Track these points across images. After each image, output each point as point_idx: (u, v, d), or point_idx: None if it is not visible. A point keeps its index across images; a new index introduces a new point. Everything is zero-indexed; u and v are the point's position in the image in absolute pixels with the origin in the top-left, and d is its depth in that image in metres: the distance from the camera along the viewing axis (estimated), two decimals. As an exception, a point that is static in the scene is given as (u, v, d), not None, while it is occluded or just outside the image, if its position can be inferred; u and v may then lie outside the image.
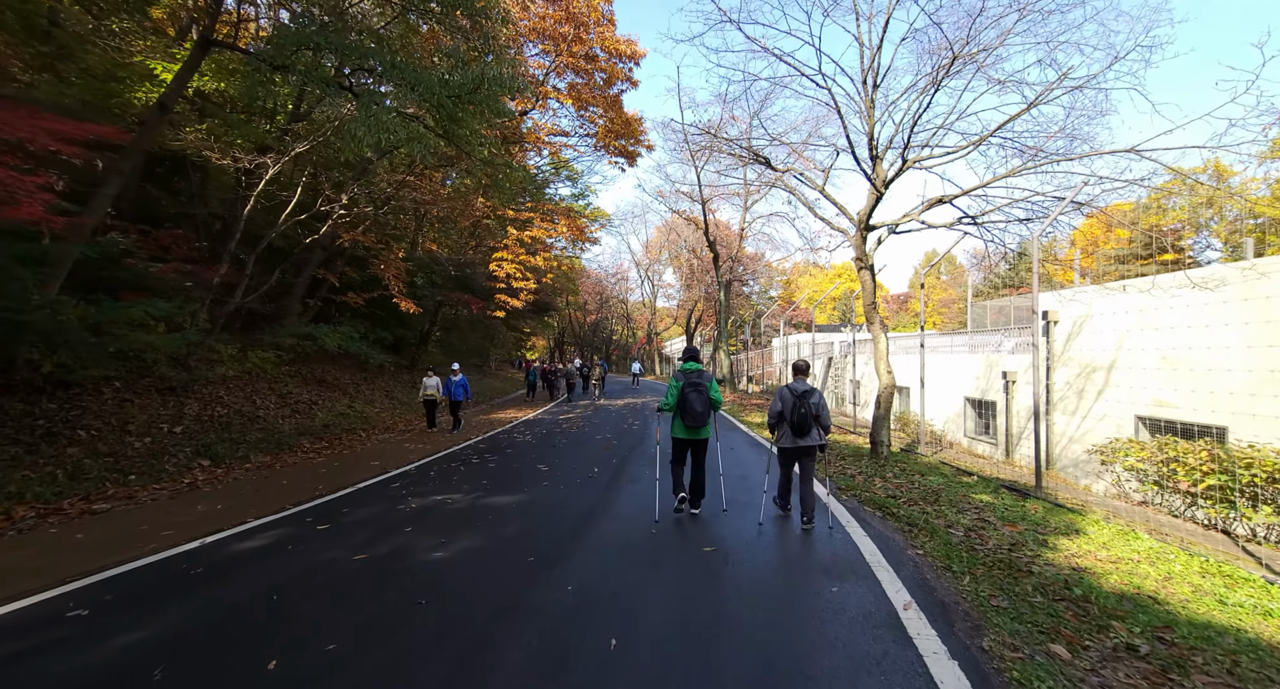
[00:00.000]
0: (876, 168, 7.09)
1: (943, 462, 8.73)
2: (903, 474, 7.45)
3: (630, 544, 4.71)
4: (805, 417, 5.08)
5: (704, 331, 42.41)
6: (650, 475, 7.44)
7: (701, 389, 5.33)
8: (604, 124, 15.34)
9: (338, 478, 7.61)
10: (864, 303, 8.28)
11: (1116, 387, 10.66)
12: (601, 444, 10.30)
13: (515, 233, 16.12)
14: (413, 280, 16.72)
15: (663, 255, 43.01)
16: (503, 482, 7.19)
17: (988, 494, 6.50)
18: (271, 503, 6.23)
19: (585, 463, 8.40)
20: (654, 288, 44.21)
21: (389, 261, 14.15)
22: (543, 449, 9.83)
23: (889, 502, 5.98)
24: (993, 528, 5.15)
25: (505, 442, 10.86)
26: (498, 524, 5.31)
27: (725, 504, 5.89)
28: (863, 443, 10.48)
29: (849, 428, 13.20)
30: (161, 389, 9.29)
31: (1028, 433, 13.46)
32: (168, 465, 7.68)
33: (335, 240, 14.05)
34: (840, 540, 4.83)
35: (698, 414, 5.28)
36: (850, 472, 7.63)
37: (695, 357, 5.81)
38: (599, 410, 16.99)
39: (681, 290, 38.84)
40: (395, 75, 6.36)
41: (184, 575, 4.12)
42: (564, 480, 7.24)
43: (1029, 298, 27.30)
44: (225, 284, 10.86)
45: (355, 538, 4.93)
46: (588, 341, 59.21)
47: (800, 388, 5.21)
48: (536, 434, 11.84)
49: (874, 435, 8.31)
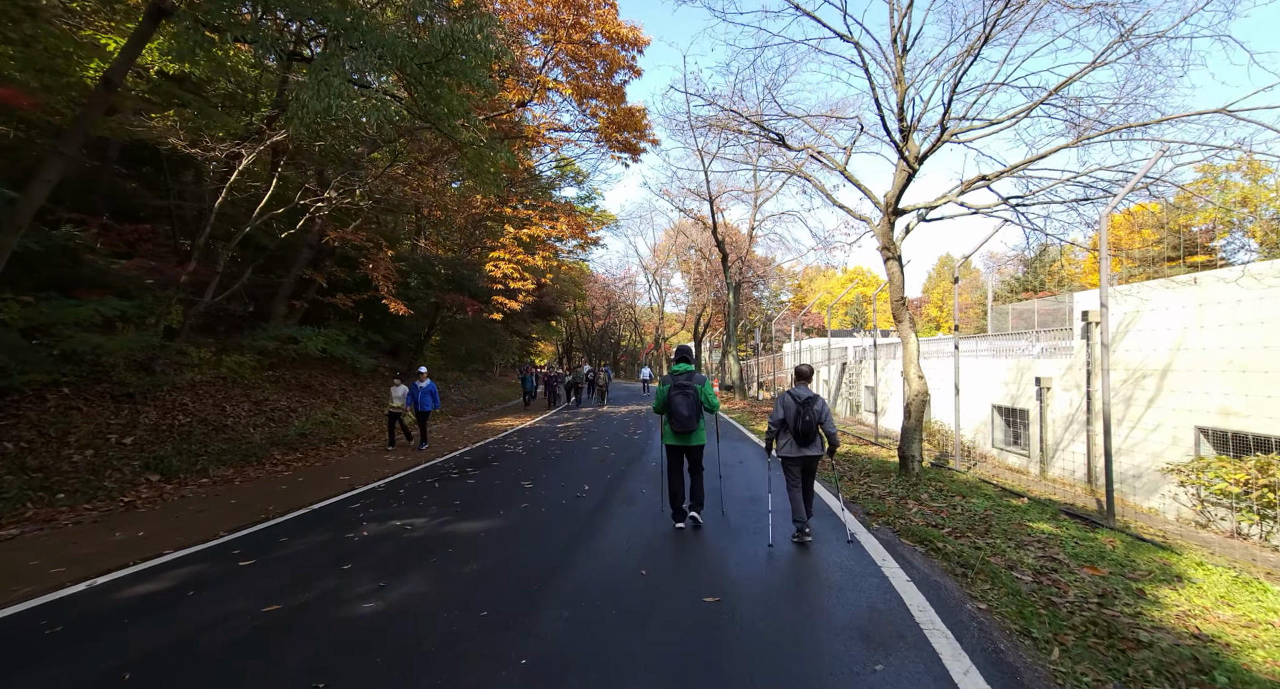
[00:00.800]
0: (908, 142, 6.13)
1: (983, 479, 7.66)
2: (940, 495, 6.41)
3: (614, 591, 3.74)
4: (810, 425, 4.77)
5: (712, 337, 41.38)
6: (647, 494, 6.47)
7: (689, 392, 4.98)
8: (606, 116, 14.47)
9: (295, 496, 6.72)
10: (891, 299, 7.27)
11: (1172, 392, 9.52)
12: (597, 456, 9.34)
13: (513, 231, 15.27)
14: (406, 281, 15.93)
15: (671, 260, 42.12)
16: (478, 502, 6.24)
17: (1047, 522, 5.45)
18: (205, 528, 5.34)
19: (575, 479, 7.44)
20: (662, 292, 43.29)
21: (378, 261, 13.34)
22: (532, 462, 8.88)
23: (931, 532, 4.95)
24: (1067, 570, 4.12)
25: (494, 453, 9.93)
26: (455, 561, 4.36)
27: (725, 513, 5.45)
28: (887, 456, 9.43)
29: (869, 438, 12.13)
30: (117, 396, 8.47)
31: (1065, 444, 12.33)
32: (108, 481, 6.83)
33: (322, 239, 13.27)
34: (877, 587, 3.83)
35: (684, 419, 4.93)
36: (878, 492, 6.60)
37: (687, 357, 5.36)
38: (601, 418, 16.04)
39: (690, 294, 37.86)
40: (355, 37, 5.53)
41: (30, 638, 3.20)
42: (548, 501, 6.28)
43: (1051, 301, 26.04)
44: (196, 282, 10.08)
45: (278, 579, 4.00)
46: (595, 347, 58.43)
47: (803, 394, 4.84)
48: (529, 444, 10.91)
49: (903, 449, 7.28)
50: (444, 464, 8.82)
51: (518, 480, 7.40)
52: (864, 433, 13.29)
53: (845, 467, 8.38)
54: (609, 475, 7.65)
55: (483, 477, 7.73)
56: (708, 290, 32.07)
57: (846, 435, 12.37)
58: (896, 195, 6.69)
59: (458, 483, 7.34)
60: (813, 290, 56.94)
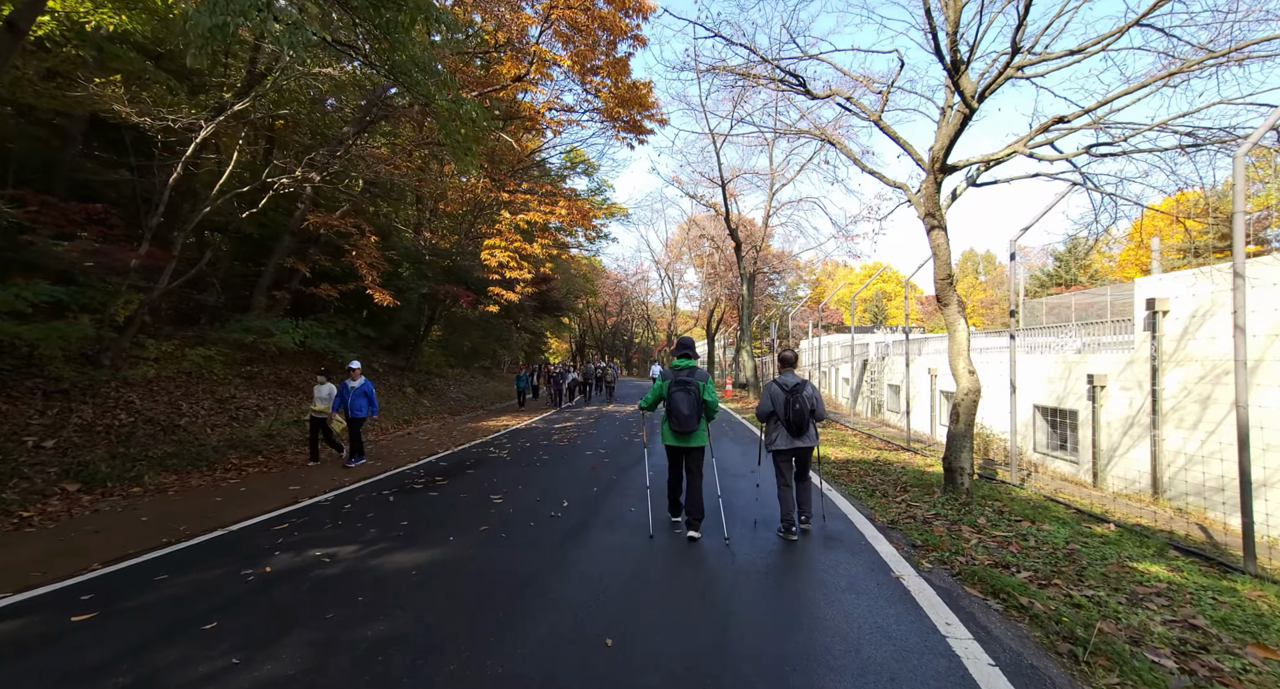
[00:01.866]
0: (961, 76, 4.82)
1: (1049, 497, 6.32)
2: (1001, 520, 5.10)
3: (553, 677, 2.55)
4: (801, 413, 4.51)
5: (726, 333, 40.02)
6: (635, 515, 5.27)
7: (691, 389, 4.51)
8: (609, 91, 13.26)
9: (223, 512, 5.64)
10: (936, 277, 5.97)
11: (1265, 388, 8.07)
12: (588, 463, 8.16)
13: (509, 217, 14.15)
14: (397, 271, 14.92)
15: (684, 255, 40.81)
16: (429, 524, 5.10)
17: (1155, 562, 4.12)
18: (80, 558, 4.27)
19: (556, 492, 6.27)
20: (674, 288, 42.00)
21: (362, 248, 12.31)
22: (512, 470, 7.73)
23: (1004, 578, 3.67)
24: (1222, 649, 2.82)
25: (474, 458, 8.81)
26: (357, 620, 3.19)
27: (729, 541, 4.56)
28: (924, 465, 8.10)
29: (898, 442, 10.78)
30: (49, 392, 7.51)
31: (1124, 450, 10.86)
32: (9, 492, 5.82)
33: (303, 224, 12.29)
34: (946, 675, 2.59)
35: (684, 417, 4.49)
36: (921, 513, 5.31)
37: (689, 350, 4.79)
38: (603, 418, 14.87)
39: (702, 287, 36.50)
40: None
41: None
42: (515, 522, 5.12)
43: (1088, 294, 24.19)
44: (151, 268, 9.11)
45: (104, 648, 2.88)
46: (608, 344, 57.50)
47: (790, 381, 4.61)
48: (517, 448, 9.77)
49: (950, 459, 5.97)
50: (413, 472, 7.71)
51: (488, 493, 6.24)
52: (892, 436, 11.95)
53: (876, 478, 7.09)
54: (595, 488, 6.46)
55: (449, 488, 6.59)
56: (721, 285, 30.72)
57: (872, 440, 11.05)
58: (945, 147, 5.37)
59: (417, 496, 6.20)
60: (831, 285, 55.20)
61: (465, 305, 14.42)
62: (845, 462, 8.23)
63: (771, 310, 36.28)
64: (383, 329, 19.38)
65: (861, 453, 9.11)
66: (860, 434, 11.69)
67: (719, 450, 9.02)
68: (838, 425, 13.31)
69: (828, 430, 12.28)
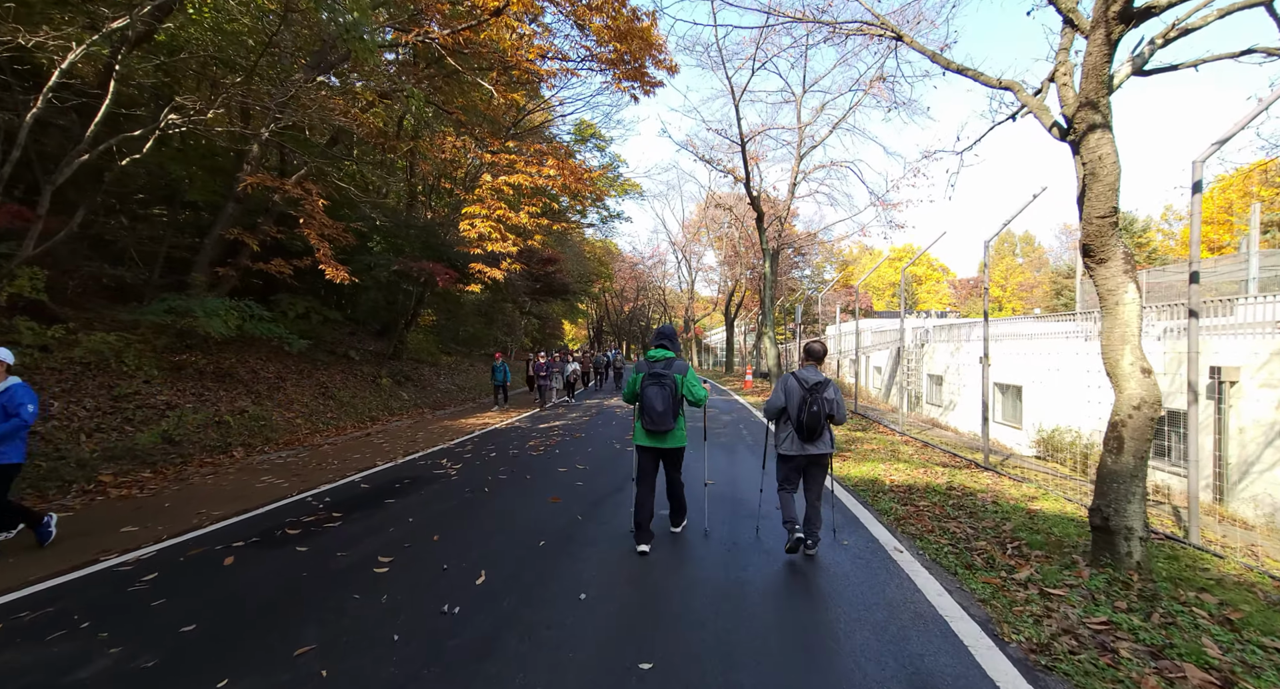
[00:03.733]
0: None
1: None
2: (1248, 646, 2.75)
3: None
4: (818, 416, 3.79)
5: (746, 318, 37.44)
6: (595, 611, 3.03)
7: (666, 383, 3.94)
8: (605, 25, 10.87)
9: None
10: (1093, 214, 3.57)
11: None
12: (555, 487, 5.97)
13: (490, 180, 11.93)
14: (366, 244, 12.87)
15: (702, 237, 38.20)
16: (229, 630, 2.96)
17: None
18: None
19: (483, 548, 4.09)
20: (692, 271, 39.45)
21: (311, 214, 10.27)
22: (445, 501, 5.58)
23: None
24: None
25: (410, 477, 6.69)
26: None
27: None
28: (1024, 498, 5.70)
29: (968, 454, 8.33)
30: None
31: (1267, 466, 8.32)
32: None
33: (241, 187, 10.27)
34: None
35: (657, 415, 3.91)
36: (1077, 620, 2.97)
37: (667, 340, 4.15)
38: (601, 414, 12.70)
39: (720, 267, 33.86)
40: None
41: None
42: (371, 630, 2.95)
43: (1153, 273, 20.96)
44: (17, 231, 7.17)
45: None
46: (625, 330, 55.52)
47: (812, 378, 3.89)
48: (475, 461, 7.64)
49: (1107, 511, 3.62)
50: (313, 501, 5.62)
51: (379, 552, 4.09)
52: (953, 443, 9.48)
53: (964, 525, 4.73)
54: (543, 542, 4.26)
55: (334, 538, 4.46)
56: (741, 265, 28.12)
57: (931, 449, 8.62)
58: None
59: (273, 555, 4.08)
60: (858, 269, 51.95)
61: (443, 284, 12.30)
62: (908, 489, 5.89)
63: (797, 293, 33.62)
64: (359, 312, 17.49)
65: (925, 473, 6.74)
66: (913, 440, 9.26)
67: (725, 465, 6.76)
68: (880, 427, 10.89)
69: (870, 435, 9.89)
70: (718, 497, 5.45)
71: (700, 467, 5.68)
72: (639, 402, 4.02)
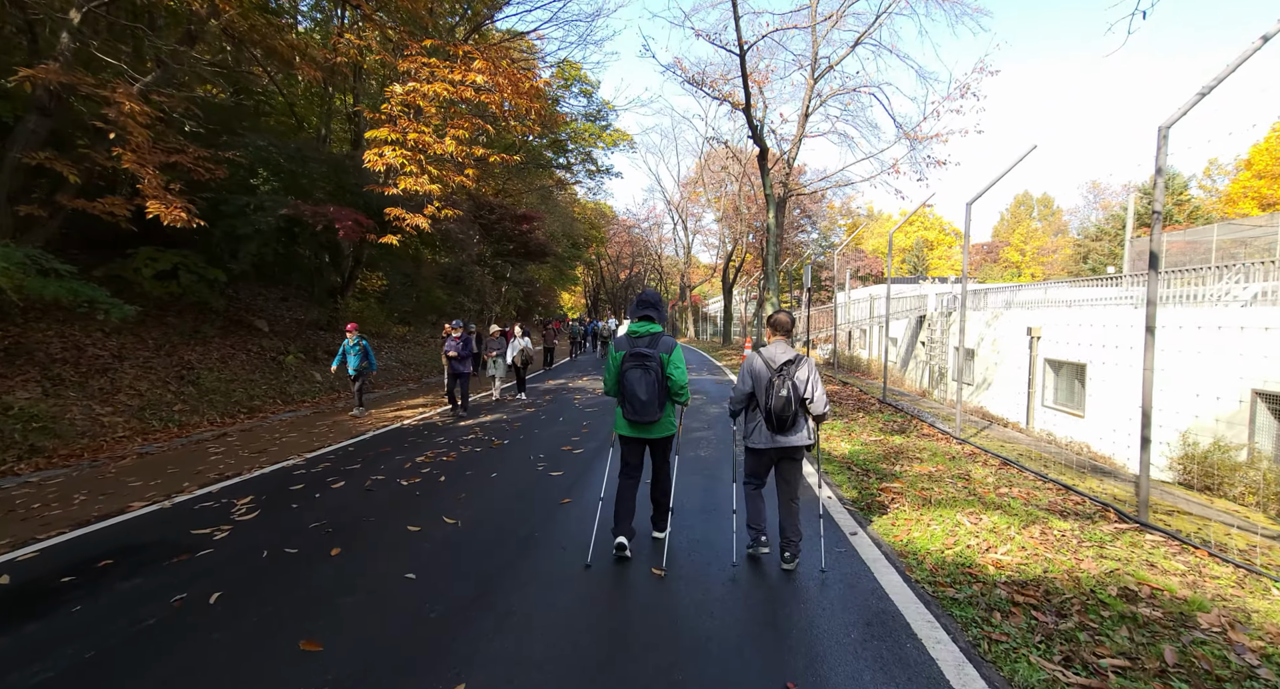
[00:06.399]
0: None
1: None
2: None
3: None
4: (789, 402, 3.08)
5: (746, 284, 34.19)
6: None
7: (651, 365, 3.19)
8: None
9: None
10: None
11: None
12: (381, 579, 3.08)
13: (400, 91, 8.72)
14: (250, 182, 9.76)
15: (701, 196, 34.59)
16: None
17: None
18: None
19: None
20: (689, 234, 36.00)
21: (123, 128, 7.18)
22: (147, 614, 2.73)
23: None
24: None
25: (147, 543, 3.80)
26: None
27: None
28: (1266, 610, 2.79)
29: (1061, 474, 5.38)
30: None
31: None
32: None
33: (18, 80, 7.15)
34: None
35: (641, 404, 3.20)
36: None
37: (651, 310, 3.36)
38: (554, 403, 9.81)
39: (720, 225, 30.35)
40: None
41: None
42: None
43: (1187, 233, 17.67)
44: None
45: None
46: (622, 298, 52.54)
47: (780, 355, 3.17)
48: (296, 502, 4.74)
49: None
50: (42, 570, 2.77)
51: None
52: (1034, 454, 6.51)
53: None
54: None
55: None
56: (742, 223, 24.72)
57: (1016, 472, 5.65)
58: None
59: None
60: (867, 234, 48.24)
61: (346, 235, 9.21)
62: (1037, 593, 2.99)
63: (803, 258, 30.29)
64: (304, 277, 14.46)
65: (1044, 539, 3.77)
66: (980, 453, 6.28)
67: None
68: (924, 427, 7.84)
69: (914, 441, 6.92)
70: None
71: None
72: (620, 387, 3.27)
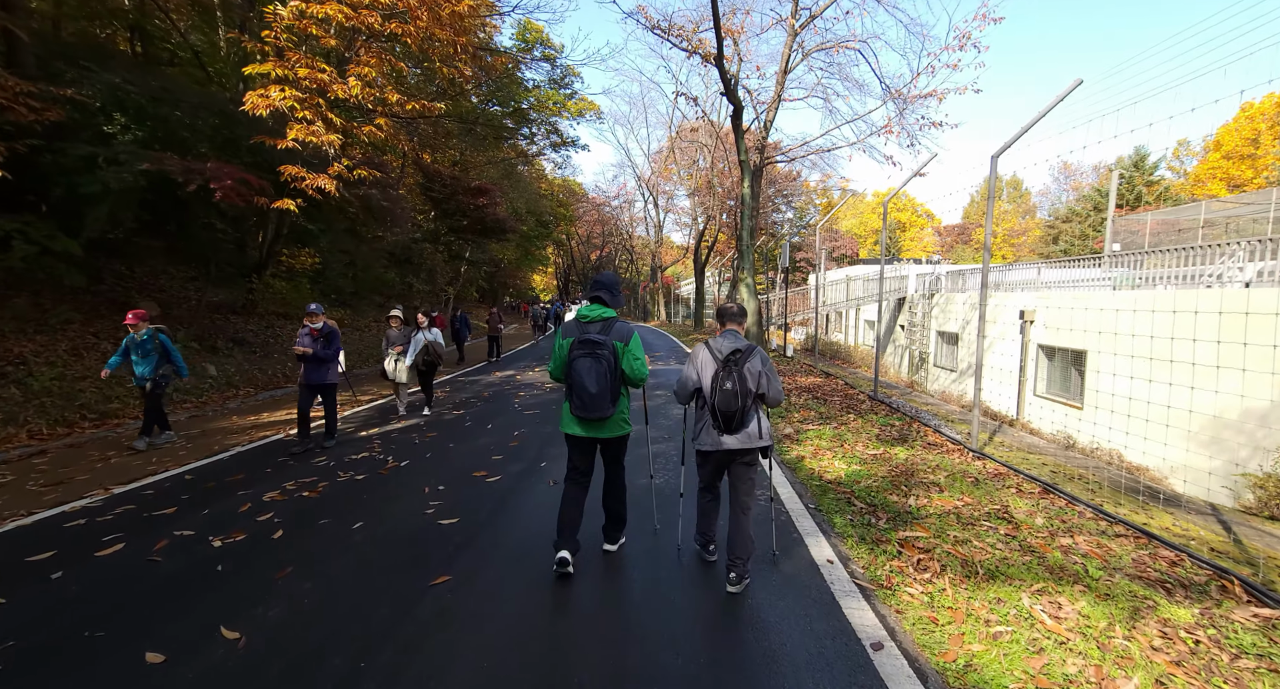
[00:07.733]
0: None
1: None
2: None
3: None
4: (734, 396, 2.68)
5: (719, 264, 32.82)
6: None
7: (603, 354, 2.78)
8: None
9: None
10: None
11: None
12: None
13: (284, 13, 6.83)
14: (104, 128, 7.80)
15: (673, 175, 32.84)
16: None
17: None
18: None
19: None
20: (660, 211, 34.30)
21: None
22: None
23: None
24: None
25: None
26: None
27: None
28: None
29: (1128, 512, 4.14)
30: None
31: None
32: None
33: None
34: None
35: (590, 398, 2.77)
36: None
37: (606, 291, 2.96)
38: (494, 401, 8.26)
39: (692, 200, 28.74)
40: None
41: None
42: None
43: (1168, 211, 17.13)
44: None
45: None
46: (591, 280, 50.71)
47: (728, 346, 2.78)
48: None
49: None
50: None
51: None
52: (1066, 469, 5.29)
53: None
54: None
55: None
56: (715, 200, 23.19)
57: (1059, 502, 4.38)
58: None
59: None
60: (843, 213, 47.30)
61: (224, 196, 7.36)
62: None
63: (778, 238, 29.00)
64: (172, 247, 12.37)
65: (1216, 681, 2.52)
66: (1008, 473, 5.00)
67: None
68: (929, 433, 6.47)
69: (920, 453, 5.61)
70: None
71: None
72: (567, 377, 2.87)
